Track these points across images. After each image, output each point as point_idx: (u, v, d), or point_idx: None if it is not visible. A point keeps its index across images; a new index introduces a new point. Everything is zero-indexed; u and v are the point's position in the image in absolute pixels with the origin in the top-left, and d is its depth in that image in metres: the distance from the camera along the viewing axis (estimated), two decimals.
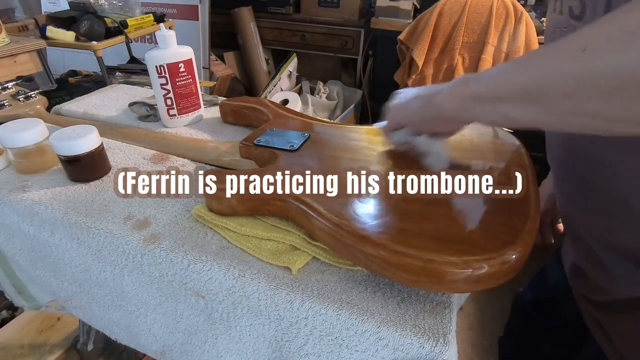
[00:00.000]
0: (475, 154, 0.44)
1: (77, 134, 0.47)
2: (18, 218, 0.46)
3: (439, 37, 1.48)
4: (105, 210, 0.45)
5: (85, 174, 0.50)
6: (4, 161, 0.52)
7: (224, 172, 0.44)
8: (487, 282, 0.31)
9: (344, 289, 0.36)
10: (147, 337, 0.46)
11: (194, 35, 1.82)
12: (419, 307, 0.34)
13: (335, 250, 0.37)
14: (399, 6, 1.76)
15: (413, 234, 0.33)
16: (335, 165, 0.44)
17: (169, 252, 0.40)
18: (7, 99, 0.62)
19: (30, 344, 0.91)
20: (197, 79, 0.62)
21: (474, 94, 0.33)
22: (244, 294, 0.37)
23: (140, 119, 0.66)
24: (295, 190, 0.39)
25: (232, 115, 0.64)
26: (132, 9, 1.46)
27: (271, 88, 1.91)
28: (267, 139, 0.49)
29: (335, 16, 1.94)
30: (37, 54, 1.24)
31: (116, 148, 0.57)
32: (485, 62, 1.43)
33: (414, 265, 0.31)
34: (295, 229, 0.41)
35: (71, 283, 0.48)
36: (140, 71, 1.43)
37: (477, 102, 0.33)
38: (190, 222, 0.44)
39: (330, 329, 0.34)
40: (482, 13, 1.42)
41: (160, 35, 0.57)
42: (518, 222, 0.33)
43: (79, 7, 1.34)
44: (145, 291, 0.43)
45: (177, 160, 0.55)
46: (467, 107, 0.34)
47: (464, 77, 0.35)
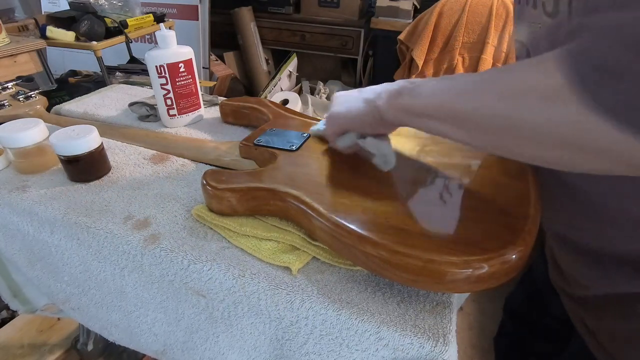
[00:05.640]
0: (474, 153, 0.44)
1: (77, 134, 0.47)
2: (18, 218, 0.46)
3: (439, 37, 1.48)
4: (105, 210, 0.45)
5: (85, 174, 0.50)
6: (4, 161, 0.52)
7: (224, 172, 0.44)
8: (487, 282, 0.31)
9: (344, 289, 0.36)
10: (147, 336, 0.46)
11: (194, 35, 1.82)
12: (419, 307, 0.34)
13: (335, 250, 0.37)
14: (399, 6, 1.76)
15: (413, 234, 0.33)
16: (335, 165, 0.44)
17: (169, 252, 0.40)
18: (7, 99, 0.62)
19: (30, 344, 0.91)
20: (197, 79, 0.62)
21: (406, 107, 0.35)
22: (244, 294, 0.37)
23: (140, 119, 0.66)
24: (295, 190, 0.39)
25: (232, 115, 0.64)
26: (132, 9, 1.46)
27: (271, 88, 1.91)
28: (267, 139, 0.49)
29: (335, 16, 1.94)
30: (37, 54, 1.24)
31: (116, 148, 0.57)
32: (485, 62, 1.43)
33: (414, 265, 0.31)
34: (295, 229, 0.41)
35: (70, 284, 0.48)
36: (140, 71, 1.42)
37: (410, 114, 0.35)
38: (190, 222, 0.44)
39: (331, 328, 0.34)
40: (482, 13, 1.42)
41: (160, 35, 0.57)
42: (518, 222, 0.33)
43: (79, 7, 1.34)
44: (146, 291, 0.43)
45: (177, 161, 0.55)
46: (401, 118, 0.36)
47: (400, 87, 0.36)
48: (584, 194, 0.37)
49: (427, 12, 1.50)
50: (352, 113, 0.41)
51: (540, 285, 0.60)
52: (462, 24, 1.43)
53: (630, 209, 0.34)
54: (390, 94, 0.36)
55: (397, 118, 0.36)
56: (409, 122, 0.36)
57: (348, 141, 0.43)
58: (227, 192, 0.41)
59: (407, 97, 0.35)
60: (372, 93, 0.39)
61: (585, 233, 0.39)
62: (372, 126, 0.40)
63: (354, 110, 0.41)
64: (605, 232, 0.37)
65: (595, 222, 0.37)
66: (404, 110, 0.35)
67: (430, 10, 1.48)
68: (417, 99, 0.34)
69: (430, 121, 0.33)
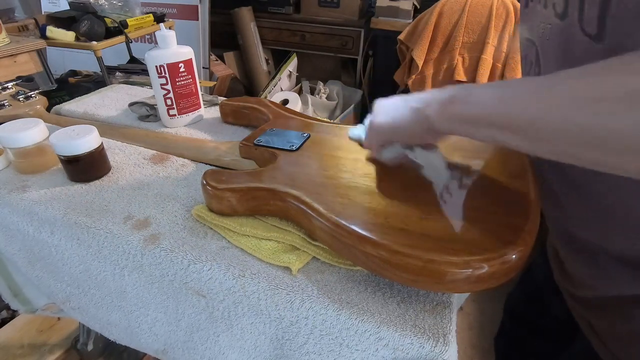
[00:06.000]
0: (474, 154, 0.44)
1: (77, 134, 0.47)
2: (18, 218, 0.46)
3: (439, 37, 1.48)
4: (105, 210, 0.45)
5: (85, 174, 0.50)
6: (4, 161, 0.52)
7: (224, 172, 0.44)
8: (487, 282, 0.31)
9: (344, 289, 0.36)
10: (148, 336, 0.46)
11: (194, 35, 1.82)
12: (419, 307, 0.34)
13: (335, 250, 0.37)
14: (399, 6, 1.76)
15: (413, 234, 0.33)
16: (336, 165, 0.44)
17: (169, 252, 0.40)
18: (7, 99, 0.62)
19: (30, 344, 0.91)
20: (197, 79, 0.62)
21: (462, 115, 0.32)
22: (244, 294, 0.37)
23: (140, 119, 0.66)
24: (295, 190, 0.39)
25: (232, 115, 0.64)
26: (132, 9, 1.46)
27: (271, 88, 1.91)
28: (267, 139, 0.49)
29: (335, 16, 1.94)
30: (37, 54, 1.24)
31: (116, 148, 0.57)
32: (485, 62, 1.43)
33: (414, 265, 0.31)
34: (295, 228, 0.41)
35: (70, 284, 0.48)
36: (140, 71, 1.42)
37: (465, 123, 0.32)
38: (190, 222, 0.44)
39: (330, 328, 0.34)
40: (482, 13, 1.42)
41: (160, 35, 0.57)
42: (518, 222, 0.33)
43: (79, 7, 1.34)
44: (146, 291, 0.43)
45: (177, 161, 0.55)
46: (455, 126, 0.33)
47: (453, 94, 0.34)
48: (592, 193, 0.36)
49: (427, 12, 1.50)
50: (399, 123, 0.38)
51: (540, 285, 0.60)
52: (462, 24, 1.43)
53: (636, 208, 0.33)
54: (441, 102, 0.34)
55: (450, 127, 0.34)
56: (463, 131, 0.33)
57: (395, 152, 0.41)
58: (227, 192, 0.41)
59: (461, 104, 0.32)
60: (420, 101, 0.36)
61: (592, 233, 0.39)
62: (420, 136, 0.38)
63: (401, 120, 0.38)
64: (610, 232, 0.37)
65: (601, 222, 0.37)
66: (459, 119, 0.33)
67: (430, 10, 1.48)
68: (474, 107, 0.31)
69: (488, 130, 0.31)
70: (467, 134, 0.33)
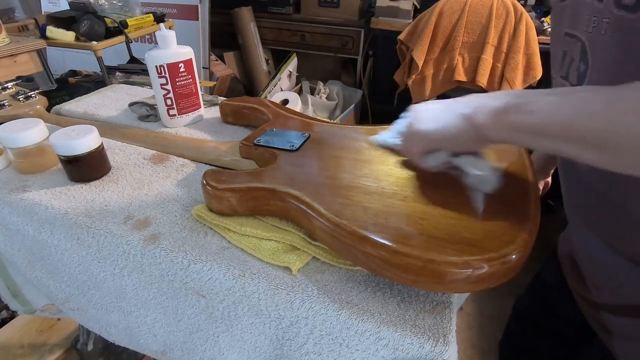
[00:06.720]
0: None
1: (77, 134, 0.47)
2: (18, 218, 0.46)
3: (439, 37, 1.48)
4: (105, 210, 0.45)
5: (85, 174, 0.50)
6: (4, 161, 0.52)
7: (224, 172, 0.44)
8: (487, 282, 0.31)
9: (344, 289, 0.36)
10: (147, 337, 0.46)
11: (194, 35, 1.82)
12: (419, 307, 0.34)
13: (335, 250, 0.37)
14: (399, 6, 1.76)
15: (413, 234, 0.33)
16: (336, 165, 0.44)
17: (169, 252, 0.40)
18: (7, 99, 0.62)
19: (30, 344, 0.91)
20: (197, 79, 0.62)
21: (518, 125, 0.31)
22: (244, 294, 0.37)
23: (140, 119, 0.66)
24: (295, 190, 0.39)
25: (232, 115, 0.64)
26: (132, 9, 1.46)
27: (271, 88, 1.91)
28: (267, 139, 0.49)
29: (335, 16, 1.94)
30: (37, 54, 1.24)
31: (116, 148, 0.57)
32: (485, 62, 1.43)
33: (414, 265, 0.31)
34: (295, 228, 0.41)
35: (69, 284, 0.48)
36: (140, 71, 1.42)
37: (522, 133, 0.31)
38: (190, 222, 0.44)
39: (331, 328, 0.34)
40: (482, 13, 1.42)
41: (160, 35, 0.57)
42: (518, 222, 0.33)
43: (79, 7, 1.34)
44: (146, 291, 0.43)
45: (177, 161, 0.55)
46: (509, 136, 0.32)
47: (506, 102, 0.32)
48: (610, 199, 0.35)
49: (427, 12, 1.50)
50: (445, 131, 0.36)
51: (551, 290, 0.60)
52: (462, 24, 1.43)
53: None
54: (493, 110, 0.32)
55: (505, 136, 0.33)
56: (518, 140, 0.32)
57: (440, 160, 0.39)
58: (227, 192, 0.41)
59: (516, 113, 0.31)
60: (468, 107, 0.35)
61: (617, 240, 0.38)
62: (467, 144, 0.37)
63: (447, 127, 0.36)
64: (629, 236, 0.36)
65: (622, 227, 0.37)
66: (514, 129, 0.31)
67: (430, 10, 1.48)
68: (532, 117, 0.30)
69: (548, 141, 0.30)
70: (525, 144, 0.32)
